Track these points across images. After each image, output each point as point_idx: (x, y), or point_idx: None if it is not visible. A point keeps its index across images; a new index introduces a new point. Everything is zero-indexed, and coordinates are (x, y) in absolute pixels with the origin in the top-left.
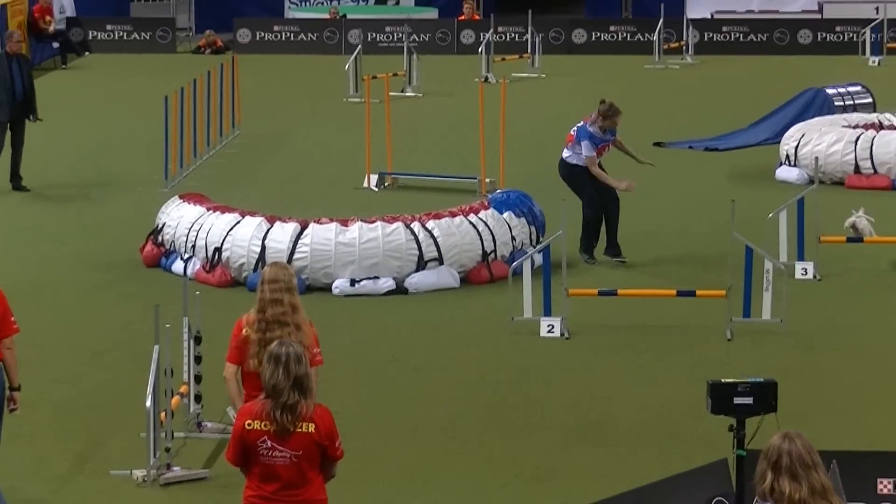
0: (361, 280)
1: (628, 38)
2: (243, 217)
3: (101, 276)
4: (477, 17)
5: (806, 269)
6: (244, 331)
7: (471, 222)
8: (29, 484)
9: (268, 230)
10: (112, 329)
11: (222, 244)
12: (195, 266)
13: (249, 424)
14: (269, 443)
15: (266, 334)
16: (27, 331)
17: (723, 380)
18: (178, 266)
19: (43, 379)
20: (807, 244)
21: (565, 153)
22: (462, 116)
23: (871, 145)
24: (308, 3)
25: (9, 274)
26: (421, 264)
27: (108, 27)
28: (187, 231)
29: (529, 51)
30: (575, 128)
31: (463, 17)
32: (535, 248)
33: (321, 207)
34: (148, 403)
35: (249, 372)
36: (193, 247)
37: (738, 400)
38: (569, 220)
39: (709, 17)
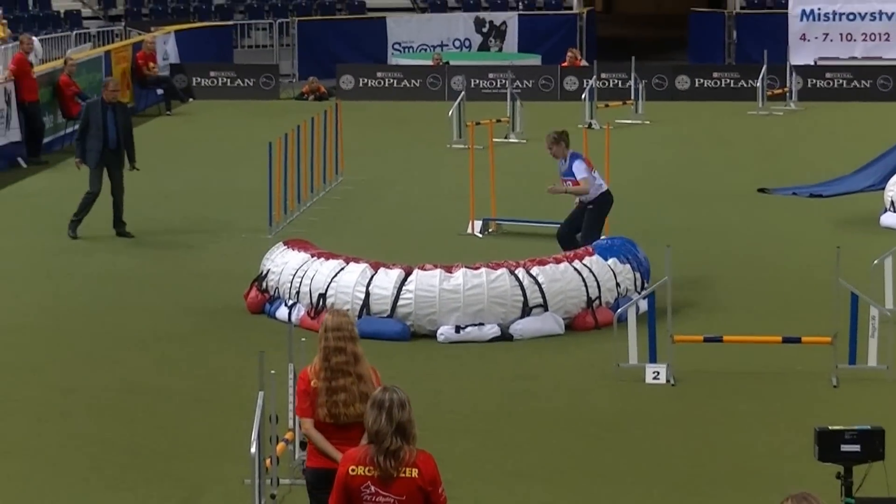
0: (466, 327)
1: (732, 85)
2: (347, 263)
3: (205, 322)
4: (580, 64)
5: None
6: (312, 382)
7: (575, 268)
8: None
9: (372, 276)
10: (217, 375)
11: (327, 290)
12: (300, 312)
13: (353, 470)
14: (372, 488)
15: (331, 382)
16: (132, 378)
17: (830, 427)
18: (282, 312)
19: (147, 426)
20: None
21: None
22: None
23: None
24: (411, 50)
25: (114, 320)
26: (526, 311)
27: (212, 73)
28: (292, 277)
29: (633, 97)
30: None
31: (566, 64)
32: (639, 294)
33: (425, 253)
34: (253, 450)
35: (318, 422)
36: (298, 293)
37: (845, 447)
38: (674, 266)
39: (812, 63)
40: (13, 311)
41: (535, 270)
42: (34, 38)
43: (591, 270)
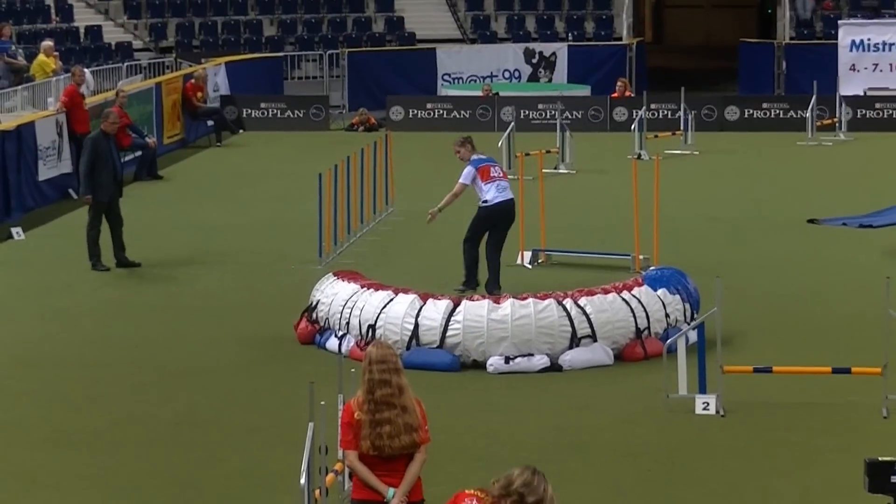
0: (516, 357)
1: (781, 115)
2: (397, 294)
3: (256, 353)
4: (630, 94)
5: None
6: (356, 414)
7: (623, 299)
8: None
9: (421, 307)
10: (267, 406)
11: (376, 321)
12: (349, 343)
13: None
14: None
15: (375, 415)
16: (183, 409)
17: (880, 458)
18: (332, 343)
19: (200, 457)
20: None
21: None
22: (615, 193)
23: None
24: (461, 81)
25: (165, 352)
26: (574, 341)
27: (262, 105)
28: (341, 308)
29: (682, 128)
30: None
31: (616, 95)
32: (689, 325)
33: None
34: (302, 481)
35: (362, 454)
36: (348, 324)
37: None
38: (724, 296)
39: (861, 94)
40: (65, 343)
41: (582, 301)
42: (86, 69)
43: (639, 301)
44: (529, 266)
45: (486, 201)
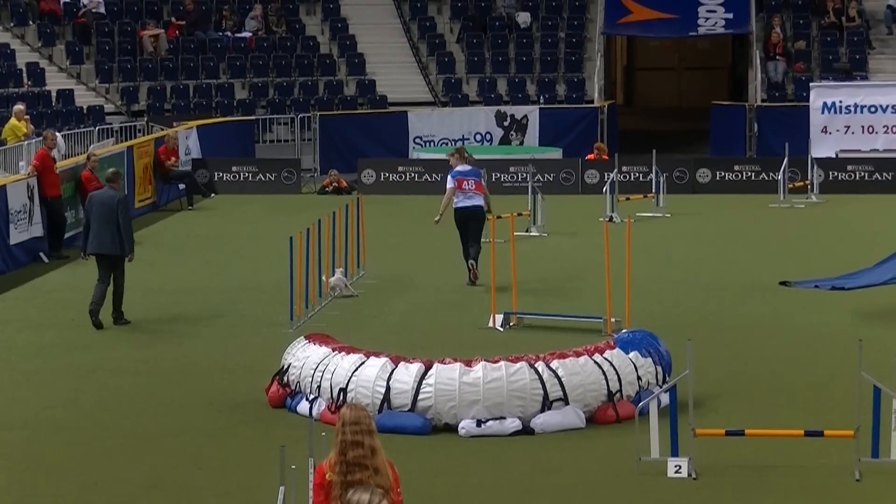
0: (487, 421)
1: (753, 178)
2: (368, 357)
3: (226, 416)
4: (606, 158)
5: None
6: (328, 475)
7: (595, 362)
8: None
9: (392, 371)
10: (237, 470)
11: (347, 384)
12: (321, 406)
13: None
14: None
15: (347, 477)
16: (153, 473)
17: None
18: (303, 407)
19: None
20: None
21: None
22: (587, 256)
23: None
24: (433, 144)
25: (135, 415)
26: (546, 404)
27: (234, 168)
28: (313, 371)
29: (654, 190)
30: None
31: (592, 157)
32: (661, 387)
33: (446, 347)
34: None
35: None
36: (319, 387)
37: None
38: (696, 359)
39: (833, 156)
40: (34, 407)
41: (554, 364)
42: (57, 133)
43: (611, 364)
44: (501, 329)
45: (455, 207)
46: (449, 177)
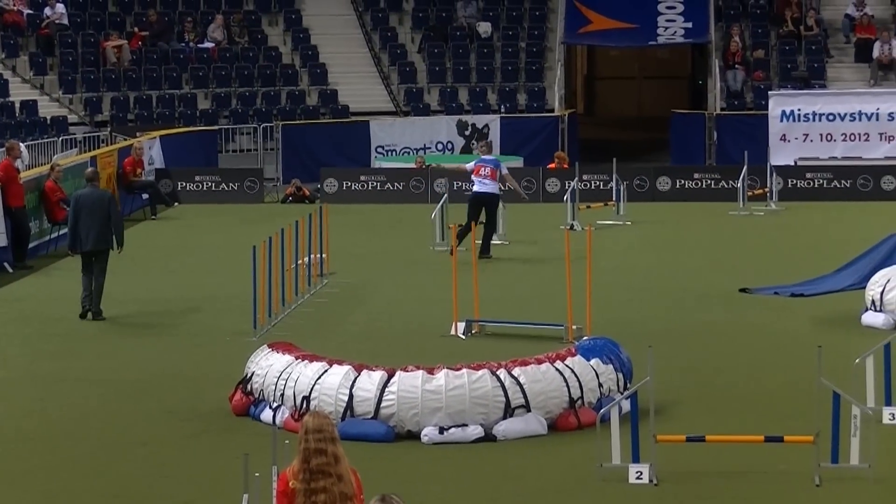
0: (450, 428)
1: (713, 186)
2: (331, 366)
3: (191, 425)
4: (566, 167)
5: (893, 415)
6: (291, 483)
7: (557, 369)
8: None
9: (355, 378)
10: (202, 479)
11: (310, 393)
12: (284, 415)
13: None
14: None
15: (310, 484)
16: (118, 482)
17: None
18: (266, 415)
19: None
20: (894, 389)
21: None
22: (548, 264)
23: None
24: (394, 153)
25: (100, 425)
26: (508, 411)
27: (197, 178)
28: (276, 380)
29: (614, 198)
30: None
31: (553, 166)
32: (622, 394)
33: (409, 355)
34: None
35: None
36: (282, 395)
37: None
38: (656, 366)
39: (792, 163)
40: (0, 417)
41: (516, 371)
42: (21, 144)
43: (573, 371)
44: (463, 337)
45: (473, 192)
46: (471, 163)
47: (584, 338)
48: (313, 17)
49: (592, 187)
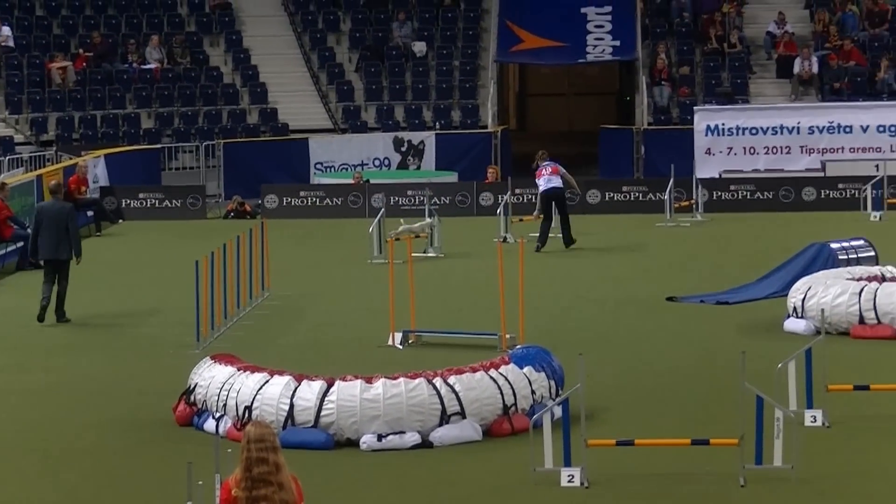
0: (388, 435)
1: (640, 198)
2: (272, 376)
3: (135, 435)
4: (499, 180)
5: (815, 417)
6: (233, 491)
7: (491, 377)
8: None
9: (296, 388)
10: (146, 488)
11: (252, 402)
12: (227, 424)
13: None
14: None
15: (252, 493)
16: (62, 492)
17: None
18: (209, 425)
19: None
20: (815, 392)
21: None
22: (482, 275)
23: (875, 297)
24: (333, 170)
25: (44, 435)
26: (444, 418)
27: (141, 195)
28: (218, 391)
29: None
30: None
31: (489, 181)
32: (554, 400)
33: (348, 365)
34: None
35: None
36: (225, 406)
37: None
38: (587, 373)
39: (717, 176)
40: None
41: (452, 379)
42: None
43: (506, 378)
44: (400, 346)
45: (541, 191)
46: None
47: (518, 346)
48: (253, 38)
49: (524, 201)
